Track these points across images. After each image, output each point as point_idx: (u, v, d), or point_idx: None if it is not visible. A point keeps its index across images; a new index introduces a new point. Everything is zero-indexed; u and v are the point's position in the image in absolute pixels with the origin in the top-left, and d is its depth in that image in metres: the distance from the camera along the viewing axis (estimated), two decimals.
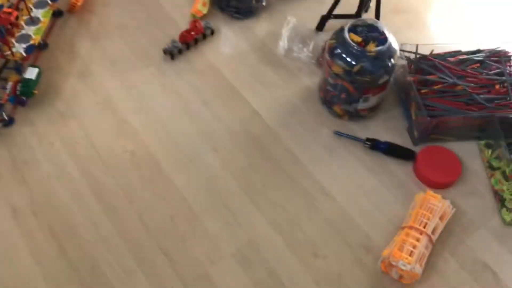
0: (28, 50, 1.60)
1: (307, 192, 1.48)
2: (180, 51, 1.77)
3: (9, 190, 1.45)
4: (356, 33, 1.49)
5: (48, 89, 1.67)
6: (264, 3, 1.92)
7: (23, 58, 1.58)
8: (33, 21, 1.67)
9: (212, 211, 1.44)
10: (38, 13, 1.70)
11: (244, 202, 1.46)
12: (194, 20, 1.80)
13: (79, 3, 1.85)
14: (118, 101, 1.66)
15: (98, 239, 1.38)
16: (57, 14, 1.84)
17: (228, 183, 1.49)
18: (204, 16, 1.87)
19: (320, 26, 1.85)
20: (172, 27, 1.85)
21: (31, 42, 1.62)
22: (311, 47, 1.80)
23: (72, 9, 1.86)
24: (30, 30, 1.65)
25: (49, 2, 1.73)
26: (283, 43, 1.81)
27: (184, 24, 1.85)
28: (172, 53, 1.75)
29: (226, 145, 1.57)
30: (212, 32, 1.83)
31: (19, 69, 1.59)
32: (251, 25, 1.88)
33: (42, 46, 1.75)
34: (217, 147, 1.57)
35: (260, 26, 1.88)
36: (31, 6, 1.70)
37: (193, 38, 1.78)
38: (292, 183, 1.50)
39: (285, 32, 1.83)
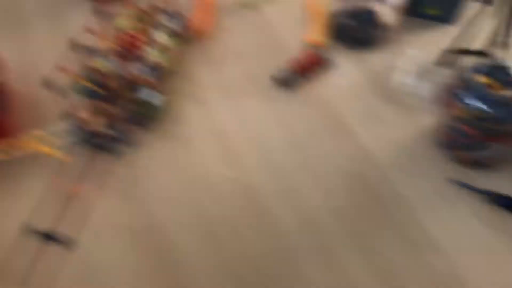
0: (151, 74, 1.69)
1: (415, 244, 1.38)
2: (292, 81, 1.76)
3: (116, 207, 1.53)
4: (482, 73, 1.36)
5: (166, 112, 1.75)
6: (383, 34, 1.84)
7: (147, 82, 1.68)
8: (159, 46, 1.77)
9: (309, 251, 1.39)
10: (164, 38, 1.79)
11: (343, 245, 1.39)
12: (309, 50, 1.78)
13: (202, 29, 1.93)
14: (228, 128, 1.69)
15: (196, 266, 1.40)
16: (181, 40, 1.93)
17: (328, 223, 1.44)
18: (319, 45, 1.84)
19: (443, 61, 1.72)
20: (286, 55, 1.85)
21: (155, 66, 1.71)
22: (430, 83, 1.68)
23: (194, 35, 1.94)
24: (155, 55, 1.74)
25: (175, 28, 1.82)
26: (400, 77, 1.72)
27: (298, 53, 1.84)
28: (284, 83, 1.74)
29: (330, 181, 1.52)
30: (326, 62, 1.79)
31: (141, 91, 1.69)
32: (368, 56, 1.82)
33: (165, 71, 1.84)
34: (320, 183, 1.52)
35: (377, 58, 1.81)
36: (158, 31, 1.80)
37: (306, 67, 1.75)
38: (398, 231, 1.40)
39: (404, 66, 1.74)
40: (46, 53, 1.88)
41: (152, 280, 1.39)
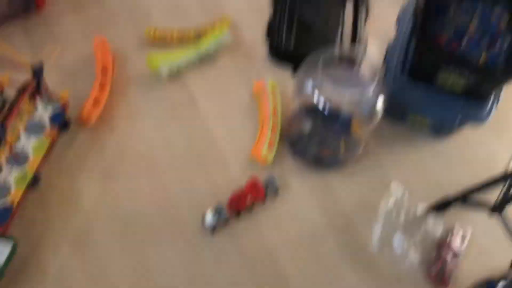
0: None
1: None
2: (225, 222, 1.19)
3: None
4: None
5: (26, 263, 1.13)
6: (359, 152, 1.30)
7: None
8: (17, 159, 1.13)
9: None
10: (28, 143, 1.15)
11: None
12: (253, 180, 1.21)
13: (92, 116, 1.29)
14: (119, 282, 1.12)
15: None
16: (61, 126, 1.27)
17: None
18: (267, 164, 1.27)
19: (441, 206, 1.22)
20: (224, 184, 1.24)
21: (8, 203, 1.08)
22: (418, 239, 1.19)
23: (83, 123, 1.31)
24: (10, 176, 1.11)
25: (46, 126, 1.18)
26: (379, 229, 1.21)
27: (241, 179, 1.24)
28: (213, 226, 1.18)
29: None
30: (275, 191, 1.24)
31: None
32: (334, 183, 1.28)
33: (32, 182, 1.20)
34: None
35: (347, 187, 1.27)
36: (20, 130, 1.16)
37: (247, 205, 1.20)
38: None
39: (385, 209, 1.22)
40: None
41: None
